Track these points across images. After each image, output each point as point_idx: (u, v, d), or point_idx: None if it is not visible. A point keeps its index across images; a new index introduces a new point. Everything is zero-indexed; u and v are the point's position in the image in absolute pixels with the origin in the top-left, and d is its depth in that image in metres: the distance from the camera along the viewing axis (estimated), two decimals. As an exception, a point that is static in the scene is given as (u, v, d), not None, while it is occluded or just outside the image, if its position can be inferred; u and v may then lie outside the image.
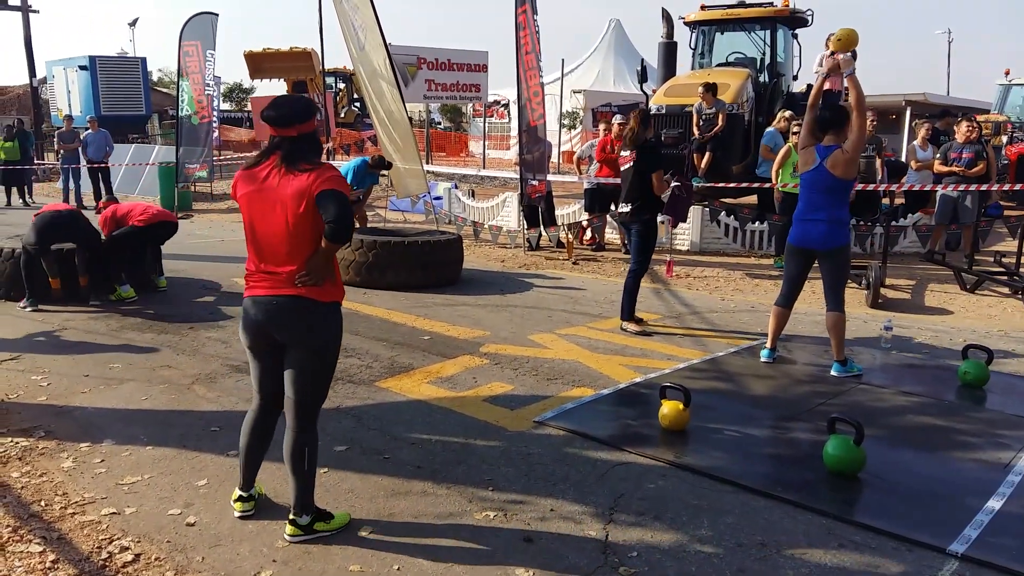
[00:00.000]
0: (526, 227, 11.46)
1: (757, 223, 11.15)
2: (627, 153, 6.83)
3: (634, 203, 6.77)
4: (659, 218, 7.03)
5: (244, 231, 3.33)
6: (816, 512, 3.65)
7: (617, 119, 11.34)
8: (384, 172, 11.08)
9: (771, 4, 12.98)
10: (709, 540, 3.40)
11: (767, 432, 4.69)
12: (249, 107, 30.99)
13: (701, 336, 6.85)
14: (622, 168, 6.92)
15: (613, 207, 11.15)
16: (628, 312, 6.93)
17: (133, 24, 44.24)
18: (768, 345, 6.02)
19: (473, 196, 14.53)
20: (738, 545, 3.36)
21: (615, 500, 3.75)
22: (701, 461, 4.19)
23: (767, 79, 12.99)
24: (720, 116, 11.13)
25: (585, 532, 3.46)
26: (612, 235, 11.91)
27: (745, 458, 4.28)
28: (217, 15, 15.67)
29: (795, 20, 13.10)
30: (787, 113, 11.19)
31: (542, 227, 11.59)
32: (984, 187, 9.94)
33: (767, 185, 10.48)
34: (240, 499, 3.57)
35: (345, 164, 11.06)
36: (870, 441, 4.07)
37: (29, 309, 7.34)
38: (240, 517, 3.53)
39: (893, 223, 10.48)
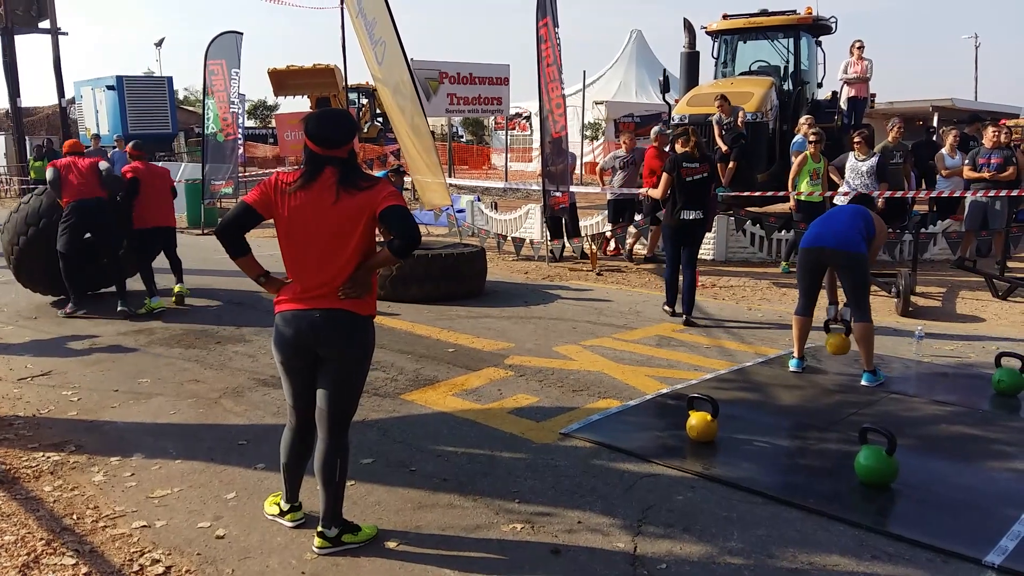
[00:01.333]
0: (549, 238, 11.45)
1: (783, 231, 11.06)
2: (697, 165, 7.48)
3: (703, 211, 7.51)
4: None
5: (282, 247, 3.31)
6: (848, 523, 3.60)
7: (657, 129, 11.22)
8: (406, 187, 11.12)
9: (794, 12, 12.92)
10: (740, 552, 3.36)
11: (797, 443, 4.64)
12: (273, 124, 31.35)
13: (728, 346, 6.79)
14: (691, 179, 7.47)
15: (638, 216, 11.18)
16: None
17: (159, 44, 44.84)
18: (796, 355, 5.96)
19: (496, 208, 14.56)
20: (769, 557, 3.32)
21: (643, 512, 3.71)
22: (730, 472, 4.14)
23: (791, 87, 12.92)
24: (739, 116, 11.06)
25: (613, 544, 3.43)
26: (637, 246, 11.86)
27: (775, 469, 4.23)
28: (242, 34, 15.86)
29: (818, 28, 13.03)
30: (804, 119, 11.13)
31: (565, 238, 11.57)
32: (1015, 192, 9.79)
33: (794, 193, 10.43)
34: (292, 510, 3.61)
35: None
36: (902, 451, 4.00)
37: (80, 313, 7.69)
38: (293, 527, 3.57)
39: (923, 230, 10.35)
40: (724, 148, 11.09)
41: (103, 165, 7.97)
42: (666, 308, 7.90)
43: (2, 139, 26.39)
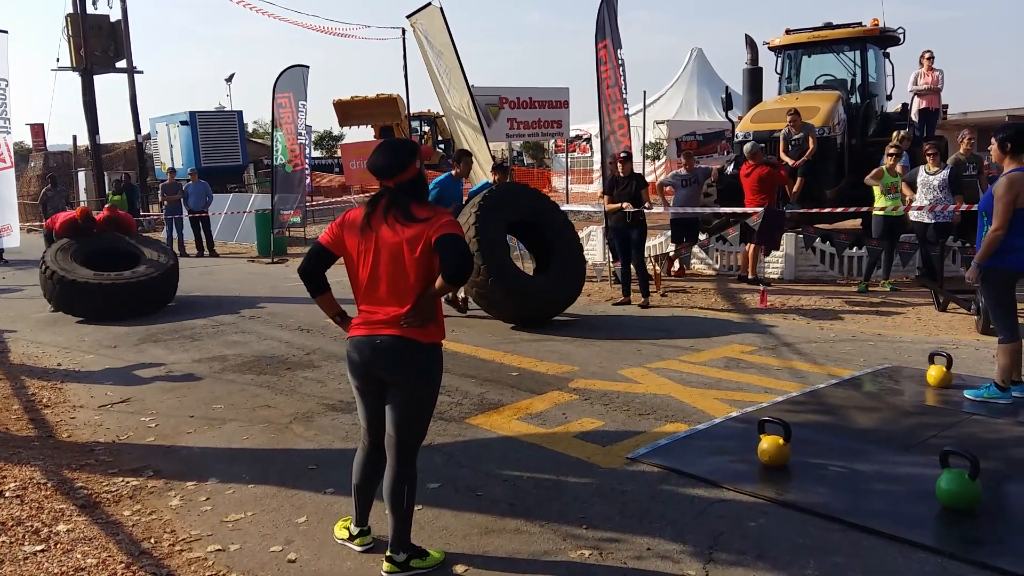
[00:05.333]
0: (612, 260, 11.38)
1: (855, 248, 10.79)
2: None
3: None
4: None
5: (350, 277, 3.39)
6: (930, 550, 3.46)
7: (750, 147, 10.94)
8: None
9: (859, 24, 12.66)
10: (816, 581, 3.25)
11: (874, 467, 4.47)
12: (339, 153, 32.07)
13: (799, 368, 6.63)
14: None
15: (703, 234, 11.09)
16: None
17: (229, 80, 46.24)
18: (1017, 378, 5.52)
19: (558, 231, 14.51)
20: (848, 586, 3.20)
21: (714, 539, 3.63)
22: (804, 498, 4.03)
23: (859, 100, 12.64)
24: (810, 139, 10.87)
25: (684, 572, 3.36)
26: (701, 265, 11.71)
27: (852, 494, 4.09)
28: (308, 67, 16.34)
29: (885, 39, 12.74)
30: (896, 133, 11.05)
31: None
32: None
33: (864, 209, 10.22)
34: (361, 534, 3.64)
35: (432, 181, 10.89)
36: (986, 475, 3.83)
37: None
38: (362, 552, 3.59)
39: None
40: (792, 163, 10.89)
41: None
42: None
43: (83, 175, 27.58)
